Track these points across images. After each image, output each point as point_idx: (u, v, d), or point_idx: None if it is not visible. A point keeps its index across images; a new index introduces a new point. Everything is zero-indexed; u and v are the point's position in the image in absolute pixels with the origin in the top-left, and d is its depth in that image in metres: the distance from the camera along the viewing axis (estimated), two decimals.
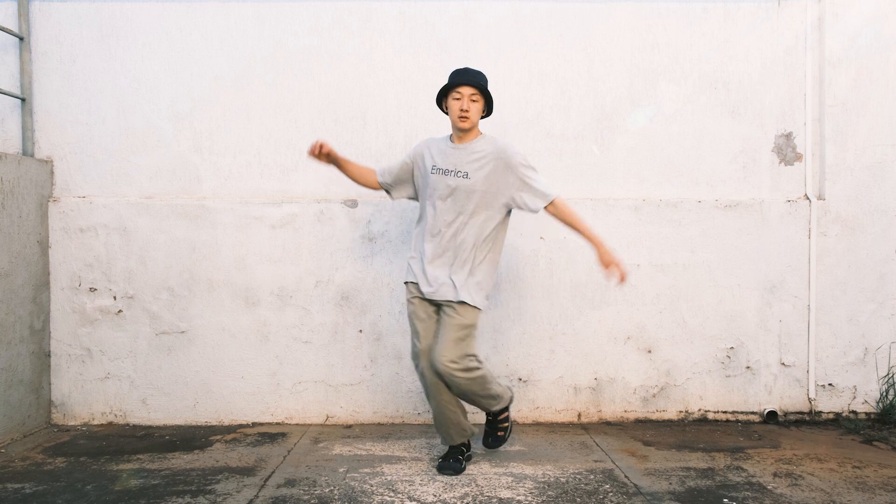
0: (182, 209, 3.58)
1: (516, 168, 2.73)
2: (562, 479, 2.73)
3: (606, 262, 2.71)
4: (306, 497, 2.53)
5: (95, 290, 3.56)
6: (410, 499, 2.51)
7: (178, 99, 3.64)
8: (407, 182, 2.97)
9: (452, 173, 2.75)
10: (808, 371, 3.66)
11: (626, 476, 2.78)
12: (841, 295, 3.66)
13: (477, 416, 3.38)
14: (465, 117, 2.72)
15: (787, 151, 3.72)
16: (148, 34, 3.64)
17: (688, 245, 3.65)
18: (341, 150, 3.58)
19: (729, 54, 3.70)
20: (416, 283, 2.81)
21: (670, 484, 2.68)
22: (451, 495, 2.54)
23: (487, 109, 2.84)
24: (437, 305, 2.79)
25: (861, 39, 3.67)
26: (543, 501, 2.49)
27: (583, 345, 3.63)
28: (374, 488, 2.62)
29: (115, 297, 3.57)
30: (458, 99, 2.73)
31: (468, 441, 2.93)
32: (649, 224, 3.64)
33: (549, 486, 2.66)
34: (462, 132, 2.78)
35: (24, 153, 3.58)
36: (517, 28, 3.68)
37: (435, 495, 2.55)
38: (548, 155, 3.69)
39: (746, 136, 3.70)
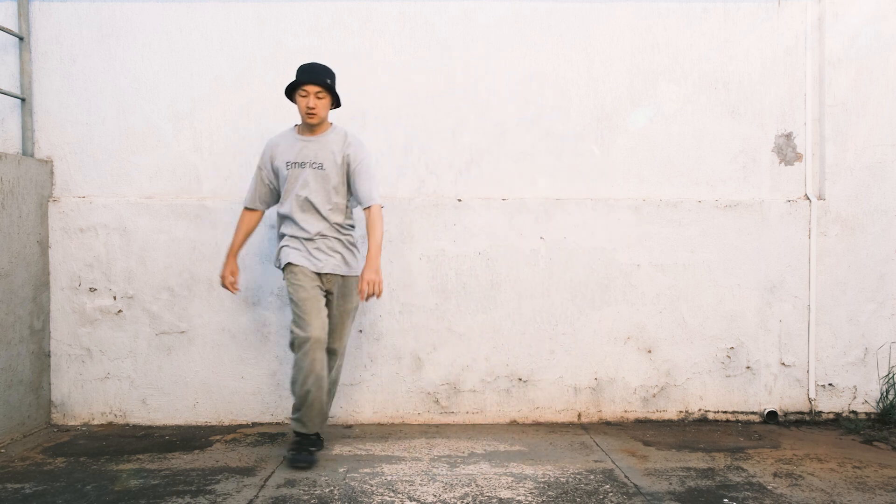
0: (182, 209, 3.58)
1: (360, 164, 2.94)
2: (562, 479, 2.73)
3: (366, 277, 2.80)
4: (306, 497, 2.53)
5: (95, 290, 3.56)
6: (410, 499, 2.51)
7: (178, 99, 3.64)
8: (272, 190, 3.08)
9: (308, 165, 2.92)
10: (808, 371, 3.66)
11: (626, 476, 2.77)
12: (841, 295, 3.66)
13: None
14: (313, 114, 2.88)
15: (787, 151, 3.72)
16: (148, 34, 3.63)
17: (688, 245, 3.65)
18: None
19: (729, 54, 3.70)
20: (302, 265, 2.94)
21: (670, 484, 2.68)
22: (451, 495, 2.54)
23: (336, 102, 2.99)
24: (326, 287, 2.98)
25: (861, 39, 3.67)
26: (543, 501, 2.49)
27: (583, 345, 3.63)
28: (374, 488, 2.62)
29: (115, 297, 3.56)
30: (304, 96, 2.88)
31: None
32: (649, 224, 3.64)
33: (549, 486, 2.66)
34: (309, 126, 2.95)
35: (24, 153, 3.58)
36: (517, 28, 3.68)
37: (435, 495, 2.55)
38: (548, 155, 3.69)
39: (746, 136, 3.70)
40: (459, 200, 3.62)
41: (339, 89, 3.63)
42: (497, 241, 3.61)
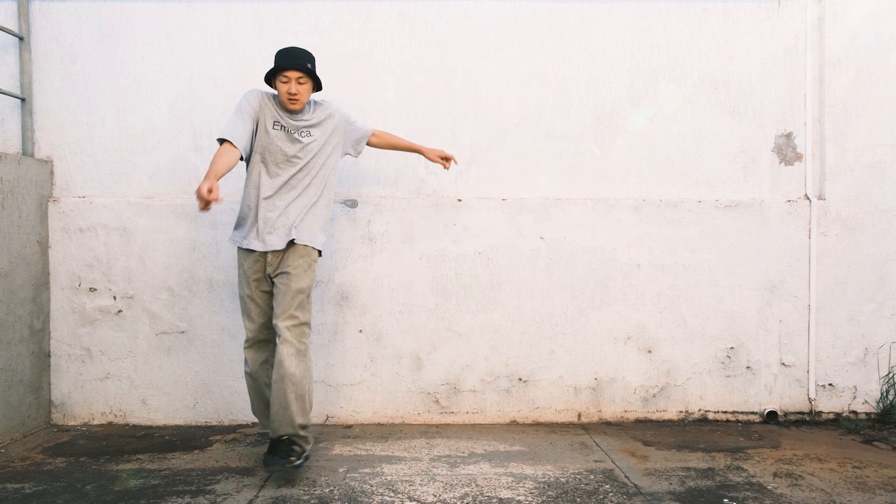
0: (182, 209, 3.58)
1: (350, 121, 3.05)
2: (562, 479, 2.73)
3: (436, 155, 3.17)
4: (306, 497, 2.53)
5: (95, 290, 3.56)
6: (410, 499, 2.51)
7: (178, 99, 3.64)
8: (251, 134, 2.82)
9: (297, 131, 2.84)
10: (808, 371, 3.66)
11: (626, 476, 2.77)
12: (841, 295, 3.66)
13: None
14: (295, 100, 2.78)
15: (787, 151, 3.72)
16: (148, 34, 3.64)
17: (688, 245, 3.65)
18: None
19: (729, 54, 3.70)
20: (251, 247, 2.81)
21: (670, 484, 2.68)
22: (451, 495, 2.54)
23: (317, 86, 2.89)
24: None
25: (861, 39, 3.67)
26: (543, 501, 2.49)
27: (583, 345, 3.63)
28: (374, 488, 2.62)
29: (114, 297, 3.56)
30: (285, 82, 2.76)
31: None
32: (649, 224, 3.64)
33: (549, 486, 2.66)
34: (293, 112, 2.85)
35: (24, 153, 3.58)
36: (517, 28, 3.68)
37: (435, 495, 2.55)
38: (548, 155, 3.69)
39: (746, 136, 3.70)
40: (459, 200, 3.62)
41: (339, 89, 3.65)
42: (497, 241, 3.61)
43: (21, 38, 3.56)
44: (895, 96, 3.67)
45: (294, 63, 2.75)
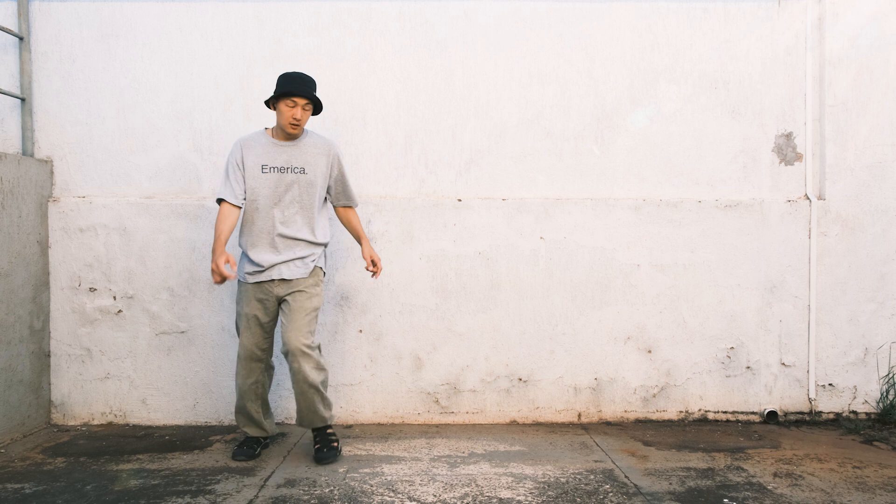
0: (182, 209, 3.58)
1: (342, 166, 3.06)
2: (562, 479, 2.73)
3: (367, 255, 3.07)
4: (306, 497, 2.53)
5: (95, 290, 3.56)
6: (410, 499, 2.51)
7: (178, 99, 3.64)
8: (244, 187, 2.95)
9: (288, 170, 2.91)
10: (808, 371, 3.66)
11: (626, 476, 2.77)
12: (841, 295, 3.66)
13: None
14: (297, 125, 2.88)
15: (787, 151, 3.72)
16: (148, 34, 3.63)
17: (688, 245, 3.65)
18: (341, 150, 3.56)
19: (729, 54, 3.70)
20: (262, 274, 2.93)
21: (670, 484, 2.68)
22: (451, 495, 2.54)
23: (316, 112, 2.99)
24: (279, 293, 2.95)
25: (861, 39, 3.67)
26: (543, 501, 2.49)
27: (583, 345, 3.63)
28: (374, 488, 2.62)
29: (114, 297, 3.56)
30: (292, 107, 2.86)
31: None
32: (649, 224, 3.64)
33: (549, 486, 2.66)
34: (292, 137, 2.94)
35: (24, 153, 3.58)
36: (517, 28, 3.68)
37: (435, 495, 2.55)
38: (548, 155, 3.69)
39: (746, 136, 3.70)
40: (459, 200, 3.62)
41: (339, 89, 3.65)
42: (497, 241, 3.61)
43: (21, 38, 3.56)
44: (895, 96, 3.66)
45: (304, 90, 2.85)
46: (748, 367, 3.65)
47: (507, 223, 3.61)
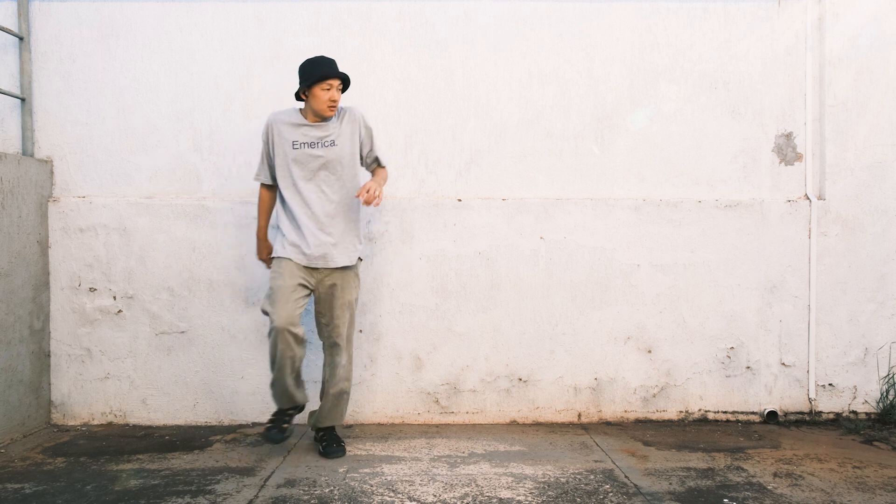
0: (182, 209, 3.58)
1: (369, 128, 3.07)
2: (562, 479, 2.73)
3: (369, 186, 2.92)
4: (306, 497, 2.53)
5: (95, 290, 3.56)
6: (410, 499, 2.51)
7: (178, 99, 3.64)
8: (272, 167, 3.06)
9: (319, 144, 2.95)
10: (808, 371, 3.66)
11: (626, 476, 2.77)
12: (841, 295, 3.66)
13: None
14: (334, 106, 2.93)
15: (787, 151, 3.72)
16: (148, 34, 3.63)
17: (688, 245, 3.65)
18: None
19: (729, 54, 3.70)
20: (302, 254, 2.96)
21: (670, 484, 2.68)
22: (451, 495, 2.54)
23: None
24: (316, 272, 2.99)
25: (861, 39, 3.67)
26: (543, 501, 2.49)
27: (583, 345, 3.63)
28: (374, 488, 2.62)
29: (114, 297, 3.56)
30: (327, 89, 2.89)
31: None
32: (649, 224, 3.64)
33: (549, 486, 2.66)
34: (323, 120, 2.97)
35: (24, 153, 3.58)
36: (517, 28, 3.68)
37: (435, 495, 2.55)
38: (548, 155, 3.69)
39: (746, 136, 3.70)
40: (459, 200, 3.62)
41: None
42: (497, 241, 3.61)
43: (21, 38, 3.56)
44: (895, 96, 3.66)
45: (338, 71, 2.92)
46: (748, 367, 3.65)
47: (507, 223, 3.61)
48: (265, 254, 3.23)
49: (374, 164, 3.15)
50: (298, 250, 2.93)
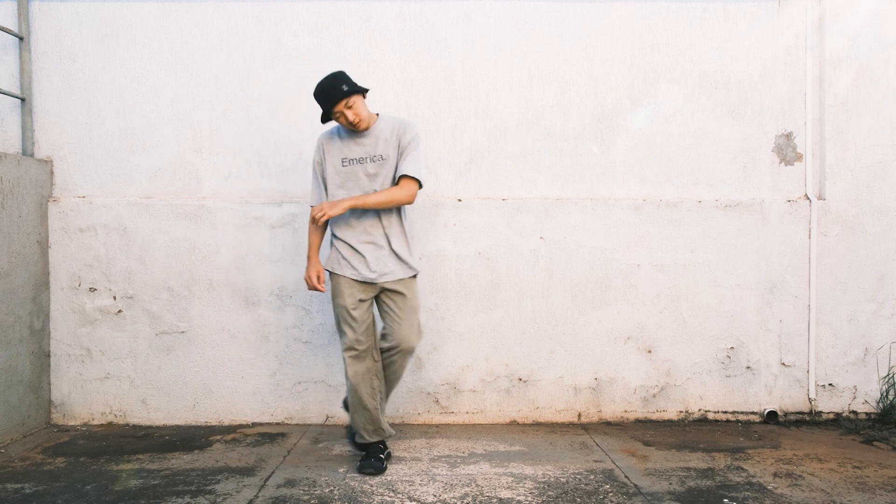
0: (182, 209, 3.58)
1: (410, 141, 2.86)
2: (562, 479, 2.73)
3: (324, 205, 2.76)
4: (306, 497, 2.53)
5: (95, 290, 3.56)
6: (410, 499, 2.51)
7: (178, 99, 3.64)
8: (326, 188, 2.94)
9: (368, 160, 2.84)
10: (808, 371, 3.66)
11: (626, 476, 2.77)
12: (841, 295, 3.66)
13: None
14: (357, 124, 2.78)
15: (787, 151, 3.72)
16: (148, 34, 3.63)
17: (688, 245, 3.65)
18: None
19: (729, 54, 3.70)
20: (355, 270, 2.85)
21: (670, 484, 2.68)
22: (451, 495, 2.54)
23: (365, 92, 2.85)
24: (377, 289, 2.89)
25: (861, 39, 3.67)
26: (543, 501, 2.49)
27: (583, 345, 3.63)
28: (374, 488, 2.62)
29: (114, 297, 3.56)
30: (339, 116, 2.77)
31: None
32: (649, 224, 3.64)
33: (549, 486, 2.66)
34: (363, 132, 2.85)
35: (24, 153, 3.58)
36: (517, 28, 3.68)
37: (435, 495, 2.55)
38: (548, 155, 3.69)
39: (746, 135, 3.70)
40: (459, 200, 3.62)
41: None
42: (497, 241, 3.61)
43: (21, 38, 3.56)
44: (895, 96, 3.66)
45: (332, 99, 2.72)
46: (748, 367, 3.65)
47: (507, 223, 3.61)
48: (315, 273, 2.90)
49: (399, 172, 2.87)
50: (357, 272, 2.83)
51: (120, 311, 3.57)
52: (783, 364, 3.66)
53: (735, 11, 3.69)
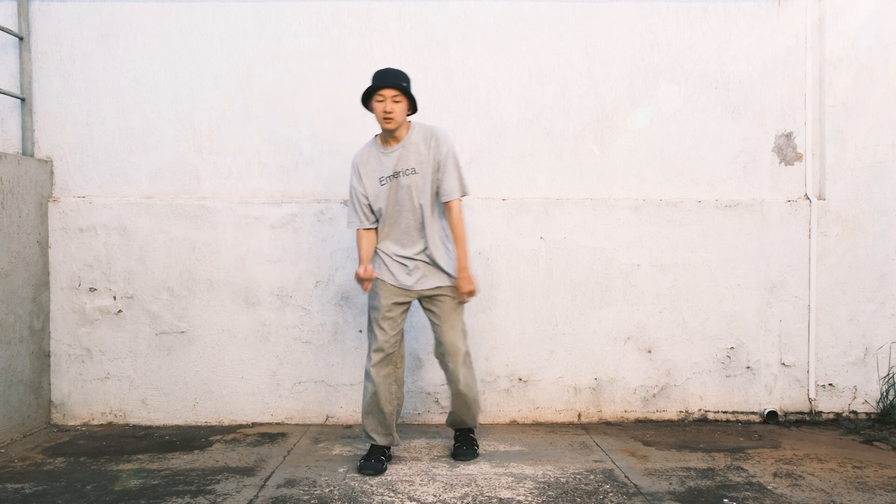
0: (182, 209, 3.58)
1: (447, 159, 2.84)
2: (562, 480, 2.73)
3: (461, 288, 2.86)
4: (306, 497, 2.53)
5: (95, 290, 3.56)
6: (410, 499, 2.51)
7: (178, 99, 3.64)
8: (370, 206, 2.94)
9: (402, 174, 2.83)
10: (808, 371, 3.66)
11: (626, 476, 2.77)
12: (841, 295, 3.66)
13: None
14: (390, 118, 2.76)
15: (787, 151, 3.72)
16: (148, 34, 3.63)
17: (688, 245, 3.65)
18: (341, 150, 3.61)
19: (729, 54, 3.70)
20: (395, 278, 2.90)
21: (670, 484, 2.68)
22: (451, 495, 2.54)
23: (412, 107, 2.87)
24: (412, 297, 2.93)
25: (861, 39, 3.67)
26: (543, 501, 2.49)
27: (583, 345, 3.63)
28: (374, 488, 2.62)
29: (114, 297, 3.56)
30: (381, 101, 2.76)
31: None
32: (649, 224, 3.64)
33: (549, 486, 2.66)
34: (388, 133, 2.84)
35: (24, 153, 3.58)
36: (517, 28, 3.68)
37: (435, 495, 2.55)
38: (548, 155, 3.69)
39: (747, 135, 3.70)
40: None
41: (339, 89, 3.65)
42: (497, 240, 3.61)
43: (21, 38, 3.56)
44: (895, 96, 3.66)
45: (388, 81, 2.74)
46: (748, 367, 3.65)
47: (506, 223, 3.61)
48: (364, 270, 2.87)
49: (442, 196, 2.85)
50: (395, 278, 2.89)
51: (120, 311, 3.57)
52: (783, 364, 3.66)
53: (735, 11, 3.69)
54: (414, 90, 3.63)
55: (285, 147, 3.65)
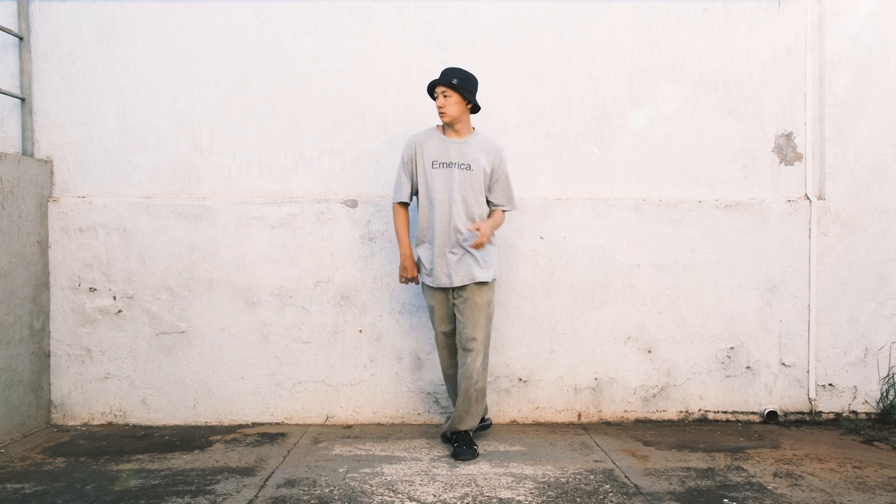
0: (182, 209, 3.58)
1: (503, 175, 3.14)
2: (562, 480, 2.73)
3: (479, 228, 3.01)
4: (306, 497, 2.53)
5: (95, 290, 3.56)
6: (410, 499, 2.51)
7: (178, 99, 3.64)
8: (413, 182, 3.16)
9: (456, 165, 3.04)
10: (808, 371, 3.66)
11: (626, 476, 2.77)
12: (841, 295, 3.66)
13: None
14: (442, 112, 3.02)
15: (787, 151, 3.72)
16: (148, 34, 3.64)
17: (688, 245, 3.65)
18: (341, 150, 3.62)
19: (729, 54, 3.70)
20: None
21: (670, 484, 2.68)
22: (451, 495, 2.54)
23: (473, 104, 3.08)
24: (450, 290, 3.10)
25: (861, 39, 3.67)
26: (543, 501, 2.49)
27: (583, 345, 3.63)
28: (374, 488, 2.62)
29: (114, 297, 3.56)
30: (436, 97, 3.05)
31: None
32: (649, 224, 3.64)
33: (549, 486, 2.66)
34: (447, 126, 3.08)
35: (24, 153, 3.58)
36: (517, 28, 3.68)
37: (435, 495, 2.55)
38: (548, 155, 3.69)
39: (747, 136, 3.70)
40: None
41: (339, 89, 3.65)
42: (497, 240, 3.60)
43: (21, 38, 3.55)
44: (895, 96, 3.66)
45: (441, 78, 3.02)
46: (748, 367, 3.65)
47: (506, 223, 3.61)
48: (412, 272, 3.15)
49: (497, 203, 3.16)
50: (433, 279, 3.07)
51: (120, 311, 3.57)
52: (783, 364, 3.66)
53: (735, 11, 3.69)
54: (414, 90, 3.66)
55: (285, 147, 3.65)
